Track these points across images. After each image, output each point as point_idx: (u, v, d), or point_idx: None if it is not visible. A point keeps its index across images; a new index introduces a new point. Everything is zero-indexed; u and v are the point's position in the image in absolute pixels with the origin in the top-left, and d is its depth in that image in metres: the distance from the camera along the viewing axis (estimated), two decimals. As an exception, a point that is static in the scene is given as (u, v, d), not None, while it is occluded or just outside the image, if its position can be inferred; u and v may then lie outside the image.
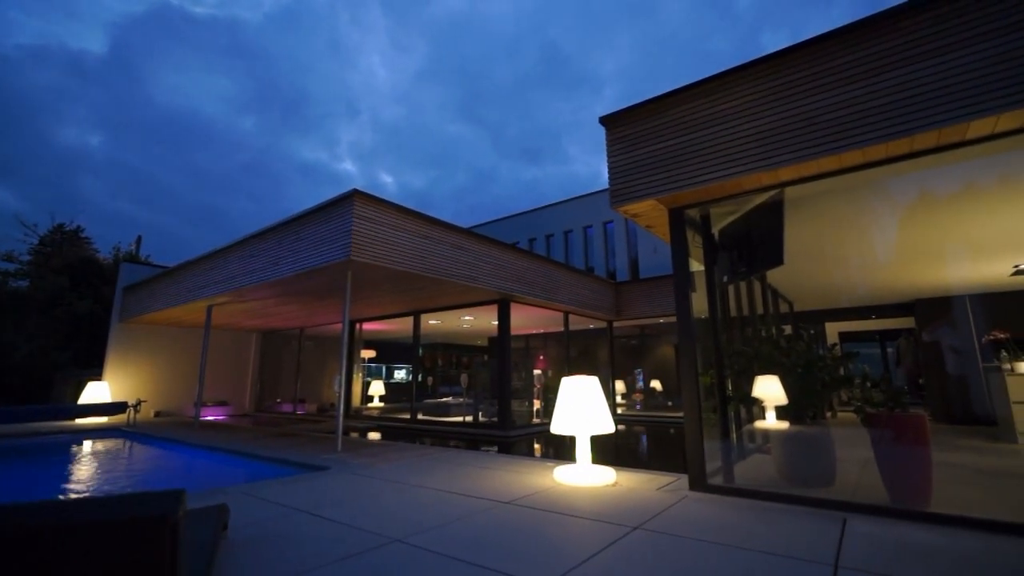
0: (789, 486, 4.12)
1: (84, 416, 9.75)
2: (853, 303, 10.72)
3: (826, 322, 12.16)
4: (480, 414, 11.41)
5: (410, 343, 12.52)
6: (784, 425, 4.55)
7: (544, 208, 21.15)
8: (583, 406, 4.66)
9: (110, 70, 79.84)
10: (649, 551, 2.73)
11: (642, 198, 4.50)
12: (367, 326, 14.28)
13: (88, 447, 8.68)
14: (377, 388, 15.27)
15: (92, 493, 5.18)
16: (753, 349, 5.02)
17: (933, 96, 3.24)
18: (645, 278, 13.96)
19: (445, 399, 14.57)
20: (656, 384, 14.74)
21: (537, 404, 12.33)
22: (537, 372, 13.43)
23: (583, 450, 4.67)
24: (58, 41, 76.49)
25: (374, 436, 9.74)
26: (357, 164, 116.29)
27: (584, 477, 4.45)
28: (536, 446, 8.81)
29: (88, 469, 6.90)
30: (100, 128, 79.89)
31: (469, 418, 11.60)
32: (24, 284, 17.87)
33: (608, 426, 4.66)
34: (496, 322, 10.71)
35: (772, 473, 4.46)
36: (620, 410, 13.88)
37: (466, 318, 12.84)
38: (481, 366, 12.19)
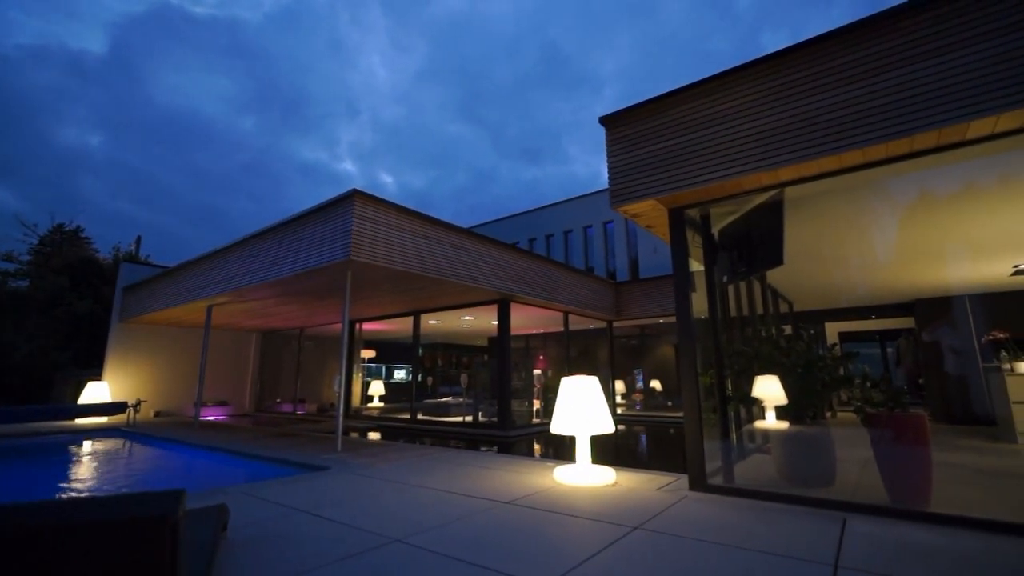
0: (789, 486, 4.12)
1: (84, 416, 9.76)
2: (853, 303, 10.72)
3: (826, 322, 12.16)
4: (480, 414, 11.41)
5: (410, 343, 12.52)
6: (784, 425, 4.55)
7: (544, 208, 21.16)
8: (583, 406, 4.66)
9: (110, 70, 79.93)
10: (649, 551, 2.73)
11: (642, 198, 4.50)
12: (367, 326, 14.28)
13: (88, 447, 8.68)
14: (377, 388, 15.27)
15: (92, 493, 5.17)
16: (753, 349, 5.02)
17: (933, 96, 3.24)
18: (645, 278, 13.96)
19: (445, 399, 14.56)
20: (656, 384, 14.74)
21: (537, 404, 12.33)
22: (537, 372, 13.43)
23: (583, 450, 4.67)
24: (58, 41, 76.58)
25: (374, 436, 9.75)
26: (357, 164, 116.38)
27: (584, 477, 4.45)
28: (536, 446, 8.81)
29: (88, 469, 6.90)
30: (100, 128, 79.99)
31: (469, 418, 11.60)
32: (24, 284, 17.87)
33: (608, 426, 4.66)
34: (496, 322, 10.71)
35: (772, 473, 4.46)
36: (620, 410, 13.88)
37: (466, 318, 12.84)
38: (481, 366, 12.19)
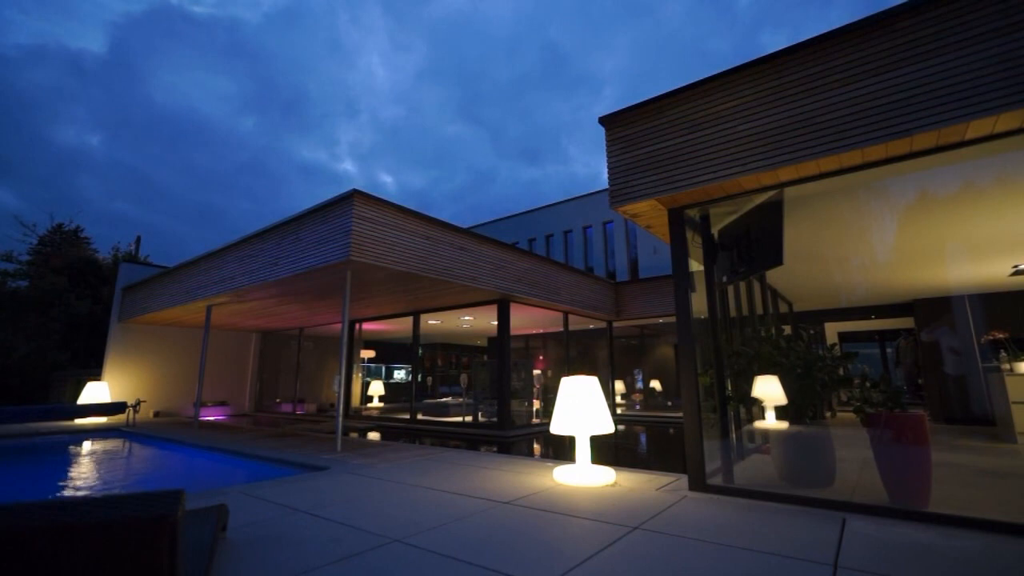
0: (789, 486, 4.12)
1: (83, 416, 9.66)
2: (852, 303, 10.72)
3: (825, 322, 12.16)
4: (480, 414, 11.41)
5: (410, 343, 12.51)
6: (784, 425, 4.55)
7: (544, 208, 21.16)
8: (583, 406, 4.66)
9: (109, 70, 79.97)
10: (649, 551, 2.73)
11: (641, 198, 4.50)
12: (367, 326, 14.28)
13: (87, 447, 8.68)
14: (376, 388, 15.27)
15: (91, 493, 5.17)
16: (752, 349, 5.02)
17: (932, 96, 3.24)
18: (645, 278, 13.96)
19: (445, 399, 14.56)
20: (656, 384, 14.74)
21: (537, 404, 12.32)
22: (537, 372, 13.43)
23: (583, 450, 4.67)
24: (57, 41, 76.65)
25: (373, 436, 9.74)
26: (357, 164, 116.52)
27: (584, 477, 4.45)
28: (536, 446, 8.81)
29: (87, 469, 6.89)
30: (99, 128, 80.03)
31: (469, 418, 11.59)
32: (23, 284, 17.86)
33: (608, 426, 4.66)
34: (496, 322, 10.71)
35: (772, 473, 4.46)
36: (620, 410, 13.88)
37: (466, 318, 12.84)
38: (481, 366, 12.15)
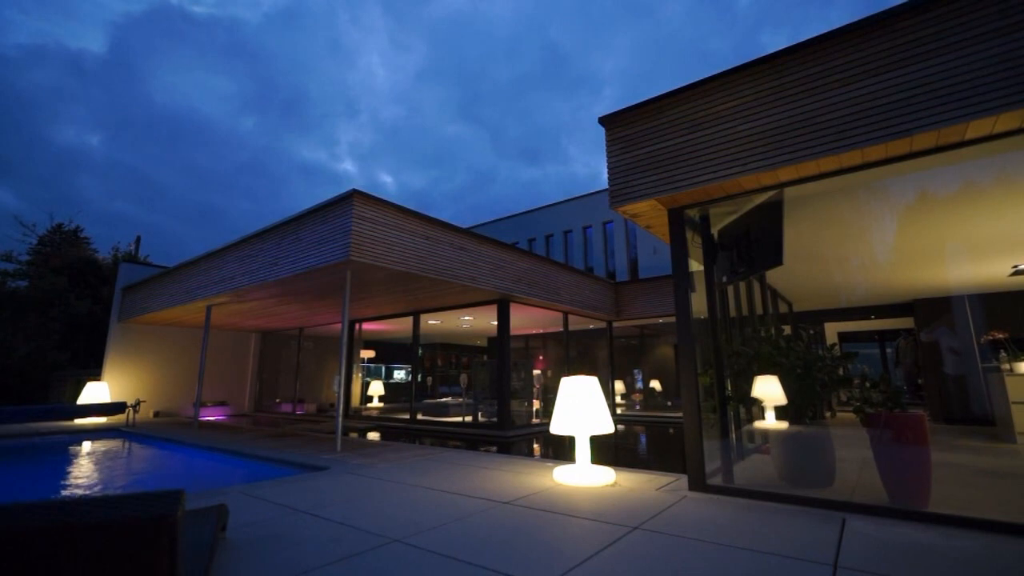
0: (788, 486, 4.12)
1: (83, 416, 9.65)
2: (852, 303, 10.72)
3: (825, 322, 12.17)
4: (479, 414, 11.41)
5: (409, 343, 12.51)
6: (783, 425, 4.55)
7: (544, 208, 21.16)
8: (582, 406, 4.66)
9: (109, 70, 79.99)
10: (649, 551, 2.73)
11: (641, 198, 4.50)
12: (366, 326, 14.28)
13: (87, 447, 8.67)
14: (376, 388, 15.27)
15: (91, 493, 5.17)
16: (752, 349, 5.02)
17: (932, 96, 3.25)
18: (645, 278, 13.96)
19: (444, 399, 14.56)
20: (655, 384, 14.74)
21: (536, 404, 12.32)
22: (536, 372, 13.43)
23: (582, 450, 4.67)
24: (57, 41, 76.64)
25: (373, 436, 9.74)
26: (356, 164, 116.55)
27: (583, 477, 4.45)
28: (535, 446, 8.81)
29: (87, 469, 6.89)
30: (99, 128, 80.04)
31: (468, 418, 11.59)
32: (23, 284, 17.85)
33: (607, 426, 4.66)
34: (496, 322, 10.71)
35: (771, 473, 4.46)
36: (619, 410, 13.88)
37: (466, 318, 12.84)
38: (481, 366, 12.15)
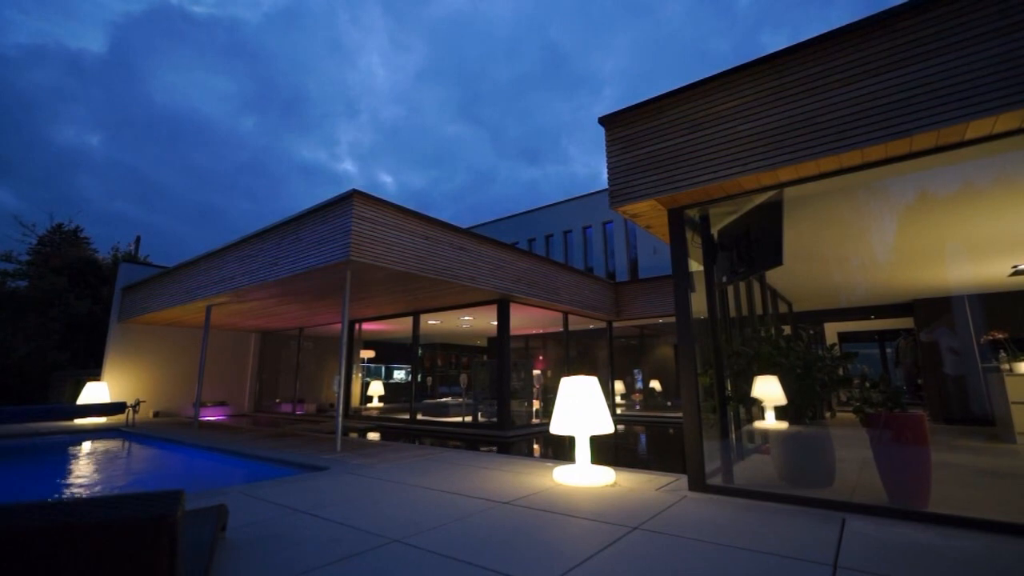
0: (788, 486, 4.12)
1: (83, 416, 9.74)
2: (852, 303, 10.72)
3: (825, 322, 12.16)
4: (479, 414, 11.41)
5: (409, 343, 12.51)
6: (783, 425, 4.55)
7: (544, 208, 21.16)
8: (582, 406, 4.66)
9: (109, 70, 79.95)
10: (648, 551, 2.73)
11: (641, 198, 4.50)
12: (366, 326, 14.28)
13: (87, 447, 8.67)
14: (376, 388, 15.27)
15: (91, 494, 5.16)
16: (752, 349, 5.02)
17: (932, 97, 3.25)
18: (644, 278, 13.97)
19: (444, 399, 14.56)
20: (655, 384, 14.73)
21: (536, 404, 12.33)
22: (536, 372, 13.43)
23: (582, 450, 4.67)
24: (57, 41, 76.60)
25: (373, 436, 9.74)
26: (356, 164, 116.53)
27: (583, 477, 4.45)
28: (535, 446, 8.81)
29: (87, 469, 6.89)
30: (99, 128, 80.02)
31: (468, 418, 11.59)
32: (23, 284, 17.85)
33: (607, 426, 4.66)
34: (495, 322, 10.71)
35: (771, 473, 4.46)
36: (619, 410, 13.89)
37: (465, 318, 12.84)
38: (480, 366, 12.14)
